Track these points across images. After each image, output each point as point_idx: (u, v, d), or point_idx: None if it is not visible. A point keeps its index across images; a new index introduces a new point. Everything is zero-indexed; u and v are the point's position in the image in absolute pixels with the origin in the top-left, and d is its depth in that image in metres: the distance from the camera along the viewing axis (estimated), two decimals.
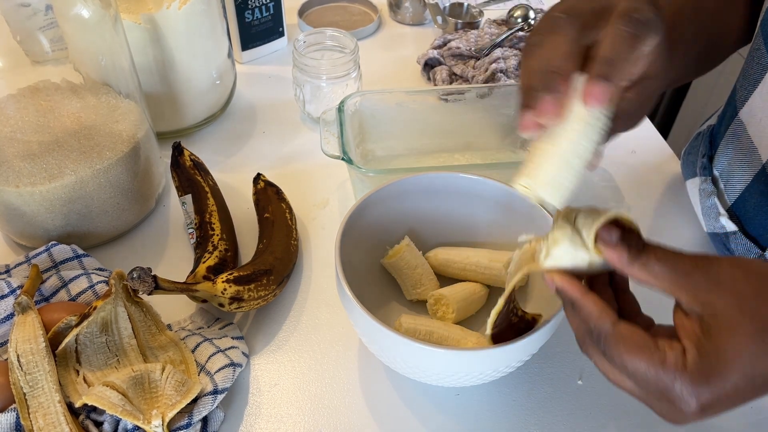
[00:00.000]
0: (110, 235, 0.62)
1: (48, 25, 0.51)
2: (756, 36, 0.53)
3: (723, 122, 0.58)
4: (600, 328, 0.35)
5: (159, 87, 0.70)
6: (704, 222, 0.58)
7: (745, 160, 0.53)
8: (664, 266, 0.34)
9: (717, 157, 0.57)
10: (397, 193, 0.54)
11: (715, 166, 0.57)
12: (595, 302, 0.36)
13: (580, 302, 0.36)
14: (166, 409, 0.42)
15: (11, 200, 0.55)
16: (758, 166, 0.51)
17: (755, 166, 0.52)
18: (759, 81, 0.51)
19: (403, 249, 0.55)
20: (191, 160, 0.63)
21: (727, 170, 0.56)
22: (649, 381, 0.33)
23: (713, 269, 0.33)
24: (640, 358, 0.33)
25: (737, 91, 0.55)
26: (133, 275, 0.48)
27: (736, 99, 0.55)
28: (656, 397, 0.34)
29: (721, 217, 0.54)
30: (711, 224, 0.56)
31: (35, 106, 0.54)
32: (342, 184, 0.70)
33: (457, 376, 0.44)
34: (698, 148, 0.61)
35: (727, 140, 0.55)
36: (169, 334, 0.49)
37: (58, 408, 0.43)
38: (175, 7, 0.65)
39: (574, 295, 0.36)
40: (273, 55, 0.92)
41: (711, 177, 0.57)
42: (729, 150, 0.55)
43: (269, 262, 0.54)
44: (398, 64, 0.91)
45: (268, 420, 0.49)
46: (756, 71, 0.52)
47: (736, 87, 0.56)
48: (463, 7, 0.98)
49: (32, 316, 0.47)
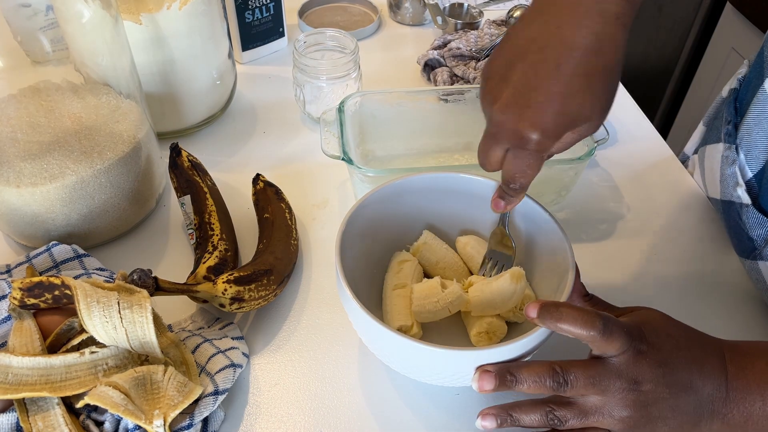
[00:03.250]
0: (111, 235, 0.62)
1: (49, 26, 0.51)
2: None
3: (749, 89, 0.56)
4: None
5: (159, 87, 0.70)
6: (720, 189, 0.57)
7: (767, 132, 0.52)
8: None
9: (742, 126, 0.55)
10: (397, 194, 0.54)
11: (740, 136, 0.56)
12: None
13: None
14: (168, 410, 0.42)
15: (12, 200, 0.55)
16: None
17: None
18: None
19: (420, 248, 0.56)
20: (189, 160, 0.63)
21: (748, 141, 0.54)
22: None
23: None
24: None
25: (765, 59, 0.53)
26: (134, 276, 0.48)
27: (764, 65, 0.53)
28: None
29: (738, 188, 0.54)
30: (728, 192, 0.56)
31: (36, 107, 0.54)
32: (342, 184, 0.70)
33: (457, 376, 0.44)
34: (722, 113, 0.60)
35: (752, 111, 0.54)
36: (169, 335, 0.49)
37: (57, 410, 0.43)
38: (176, 8, 0.66)
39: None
40: (273, 56, 0.92)
41: (735, 145, 0.56)
42: (751, 121, 0.54)
43: (269, 262, 0.55)
44: (398, 64, 0.91)
45: (268, 420, 0.49)
46: None
47: (764, 52, 0.54)
48: (462, 8, 0.98)
49: (28, 321, 0.47)
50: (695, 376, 0.40)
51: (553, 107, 0.39)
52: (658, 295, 0.59)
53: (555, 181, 0.63)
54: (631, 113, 0.82)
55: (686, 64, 1.64)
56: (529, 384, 0.41)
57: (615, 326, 0.40)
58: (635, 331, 0.41)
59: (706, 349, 0.42)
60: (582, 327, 0.39)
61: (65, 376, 0.43)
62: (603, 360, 0.40)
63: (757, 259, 0.53)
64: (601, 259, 0.62)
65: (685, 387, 0.40)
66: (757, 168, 0.53)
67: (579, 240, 0.64)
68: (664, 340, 0.41)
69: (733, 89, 0.59)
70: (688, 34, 1.60)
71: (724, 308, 0.58)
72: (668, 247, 0.64)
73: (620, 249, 0.64)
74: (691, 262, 0.62)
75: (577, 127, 0.41)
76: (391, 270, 0.55)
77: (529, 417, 0.41)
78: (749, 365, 0.41)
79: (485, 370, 0.42)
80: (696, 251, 0.63)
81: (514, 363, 0.42)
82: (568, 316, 0.40)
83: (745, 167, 0.54)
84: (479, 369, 0.42)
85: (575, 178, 0.64)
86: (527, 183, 0.45)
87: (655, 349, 0.40)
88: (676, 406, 0.40)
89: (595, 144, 0.61)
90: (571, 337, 0.40)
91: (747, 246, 0.55)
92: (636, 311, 0.44)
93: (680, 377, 0.40)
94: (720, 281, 0.60)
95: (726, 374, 0.41)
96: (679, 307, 0.56)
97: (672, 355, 0.41)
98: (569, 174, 0.63)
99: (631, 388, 0.40)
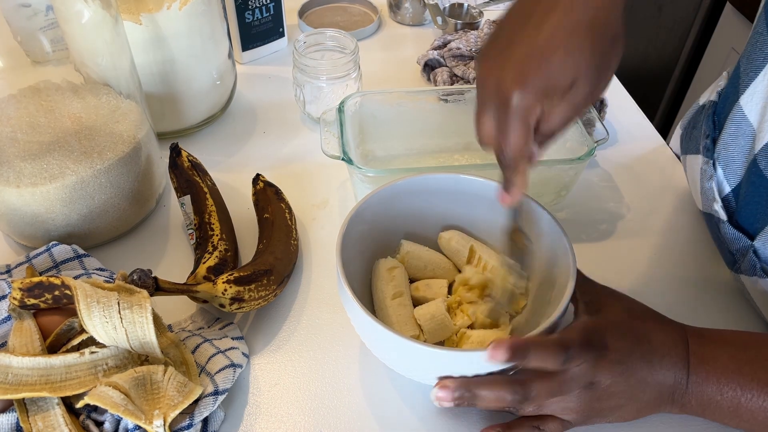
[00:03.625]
0: (111, 235, 0.62)
1: (49, 26, 0.51)
2: (758, 18, 0.51)
3: (726, 103, 0.56)
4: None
5: (159, 87, 0.70)
6: (701, 201, 0.58)
7: (743, 148, 0.52)
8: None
9: (719, 141, 0.55)
10: (398, 194, 0.54)
11: (717, 150, 0.56)
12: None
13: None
14: (168, 410, 0.42)
15: (12, 200, 0.55)
16: (752, 156, 0.50)
17: (750, 155, 0.51)
18: (761, 69, 0.50)
19: (405, 258, 0.56)
20: (189, 160, 0.63)
21: (725, 156, 0.54)
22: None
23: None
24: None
25: (741, 74, 0.53)
26: (134, 276, 0.48)
27: (739, 82, 0.53)
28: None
29: (715, 203, 0.54)
30: (707, 205, 0.56)
31: (36, 107, 0.54)
32: (342, 184, 0.70)
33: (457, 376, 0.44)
34: (701, 124, 0.60)
35: (729, 127, 0.54)
36: (169, 335, 0.49)
37: (57, 410, 0.43)
38: (176, 8, 0.66)
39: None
40: (273, 56, 0.92)
41: (713, 160, 0.56)
42: (728, 137, 0.54)
43: (269, 262, 0.55)
44: (398, 64, 0.91)
45: (268, 420, 0.49)
46: (758, 57, 0.50)
47: (740, 68, 0.54)
48: (462, 8, 0.98)
49: (28, 321, 0.47)
50: (655, 368, 0.42)
51: (535, 59, 0.38)
52: (657, 295, 0.59)
53: (555, 181, 0.63)
54: (631, 113, 0.82)
55: (686, 64, 1.64)
56: (489, 401, 0.42)
57: (576, 351, 0.41)
58: (596, 338, 0.42)
59: (668, 339, 0.44)
60: (545, 362, 0.41)
61: (65, 376, 0.43)
62: (562, 371, 0.41)
63: (739, 273, 0.54)
64: (601, 259, 0.62)
65: (644, 379, 0.42)
66: (735, 183, 0.53)
67: (579, 240, 0.64)
68: (625, 337, 0.43)
69: (712, 102, 0.59)
70: (688, 34, 1.60)
71: (723, 307, 0.58)
72: (668, 247, 0.64)
73: (620, 249, 0.64)
74: (690, 261, 0.62)
75: (563, 87, 0.39)
76: (381, 278, 0.54)
77: (486, 400, 0.42)
78: (711, 357, 0.43)
79: (445, 385, 0.42)
80: (696, 251, 0.63)
81: (475, 379, 0.42)
82: (534, 358, 0.40)
83: (723, 182, 0.54)
84: (439, 381, 0.43)
85: (575, 178, 0.64)
86: (516, 154, 0.42)
87: (614, 350, 0.42)
88: (634, 396, 0.42)
89: (595, 144, 0.61)
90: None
91: (728, 258, 0.55)
92: (604, 301, 0.46)
93: (639, 371, 0.42)
94: (719, 281, 0.60)
95: (688, 365, 0.43)
96: (678, 307, 0.56)
97: (632, 351, 0.42)
98: (569, 174, 0.63)
99: (589, 387, 0.41)
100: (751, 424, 0.42)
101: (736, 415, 0.42)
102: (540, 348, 0.41)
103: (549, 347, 0.41)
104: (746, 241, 0.51)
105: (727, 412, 0.42)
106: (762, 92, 0.50)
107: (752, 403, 0.41)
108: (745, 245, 0.51)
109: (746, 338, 0.45)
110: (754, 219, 0.51)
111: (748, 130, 0.51)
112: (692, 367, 0.43)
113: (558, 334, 0.43)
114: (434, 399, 0.42)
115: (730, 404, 0.42)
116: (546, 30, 0.38)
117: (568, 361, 0.41)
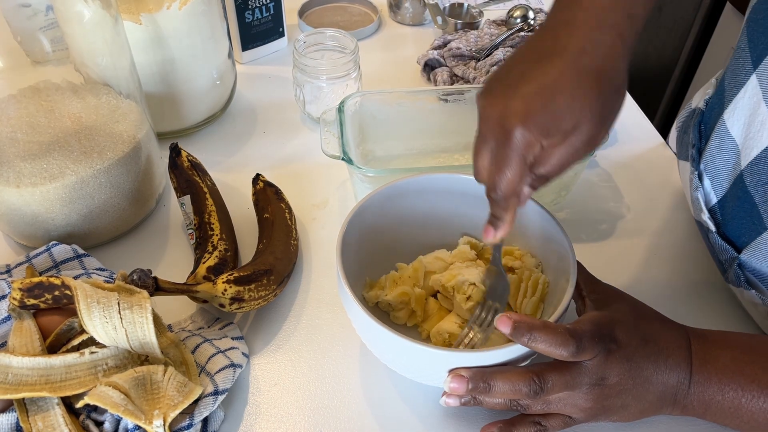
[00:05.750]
0: (111, 235, 0.62)
1: (48, 26, 0.51)
2: (741, 33, 0.51)
3: (712, 114, 0.56)
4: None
5: (159, 87, 0.70)
6: (692, 208, 0.58)
7: (728, 162, 0.52)
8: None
9: (706, 153, 0.55)
10: (398, 194, 0.54)
11: (704, 161, 0.55)
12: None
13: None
14: (168, 410, 0.42)
15: (12, 200, 0.55)
16: (737, 172, 0.50)
17: (736, 170, 0.51)
18: (742, 85, 0.50)
19: (418, 271, 0.55)
20: (189, 160, 0.63)
21: (712, 167, 0.54)
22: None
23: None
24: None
25: (725, 88, 0.53)
26: (134, 276, 0.48)
27: (724, 95, 0.53)
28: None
29: (702, 214, 0.54)
30: (697, 213, 0.56)
31: (36, 107, 0.54)
32: (342, 184, 0.70)
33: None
34: (690, 130, 0.59)
35: (714, 139, 0.54)
36: (169, 335, 0.49)
37: (57, 410, 0.43)
38: (176, 8, 0.66)
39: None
40: (273, 56, 0.92)
41: (698, 171, 0.56)
42: (714, 149, 0.54)
43: (269, 262, 0.55)
44: (398, 64, 0.91)
45: (268, 420, 0.49)
46: (740, 74, 0.50)
47: (725, 81, 0.54)
48: (462, 8, 0.98)
49: (28, 321, 0.47)
50: (660, 368, 0.43)
51: (541, 98, 0.38)
52: (657, 295, 0.58)
53: (555, 182, 0.63)
54: (631, 113, 0.82)
55: (686, 64, 1.64)
56: (504, 391, 0.41)
57: (587, 341, 0.41)
58: (606, 332, 0.42)
59: (672, 340, 0.44)
60: (556, 348, 0.40)
61: (65, 376, 0.43)
62: (576, 363, 0.42)
63: (728, 282, 0.54)
64: (601, 259, 0.62)
65: (649, 379, 0.42)
66: (721, 195, 0.53)
67: (579, 240, 0.64)
68: (632, 335, 0.43)
69: (699, 110, 0.58)
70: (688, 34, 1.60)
71: (723, 308, 0.58)
72: (668, 247, 0.64)
73: (620, 249, 0.64)
74: (690, 262, 0.62)
75: (565, 129, 0.38)
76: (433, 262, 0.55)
77: (494, 400, 0.43)
78: (713, 359, 0.43)
79: (458, 374, 0.42)
80: (695, 251, 0.63)
81: (490, 369, 0.42)
82: (542, 340, 0.40)
83: (710, 193, 0.54)
84: (452, 372, 0.42)
85: (575, 178, 0.64)
86: (508, 191, 0.41)
87: (623, 346, 0.42)
88: (638, 395, 0.42)
89: None
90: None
91: (719, 266, 0.55)
92: (611, 299, 0.46)
93: (645, 370, 0.42)
94: (719, 282, 0.60)
95: (690, 366, 0.43)
96: (678, 307, 0.56)
97: (639, 350, 0.43)
98: (569, 174, 0.62)
99: (598, 384, 0.42)
100: (751, 425, 0.42)
101: (736, 415, 0.42)
102: (550, 332, 0.40)
103: (560, 333, 0.40)
104: (732, 252, 0.51)
105: (728, 412, 0.42)
106: (744, 108, 0.50)
107: (753, 404, 0.41)
108: (732, 256, 0.51)
109: (748, 340, 0.45)
110: (740, 233, 0.51)
111: (731, 145, 0.51)
112: (694, 368, 0.43)
113: (569, 324, 0.42)
114: (447, 388, 0.42)
115: (731, 405, 0.42)
116: (555, 71, 0.38)
117: (581, 351, 0.40)
